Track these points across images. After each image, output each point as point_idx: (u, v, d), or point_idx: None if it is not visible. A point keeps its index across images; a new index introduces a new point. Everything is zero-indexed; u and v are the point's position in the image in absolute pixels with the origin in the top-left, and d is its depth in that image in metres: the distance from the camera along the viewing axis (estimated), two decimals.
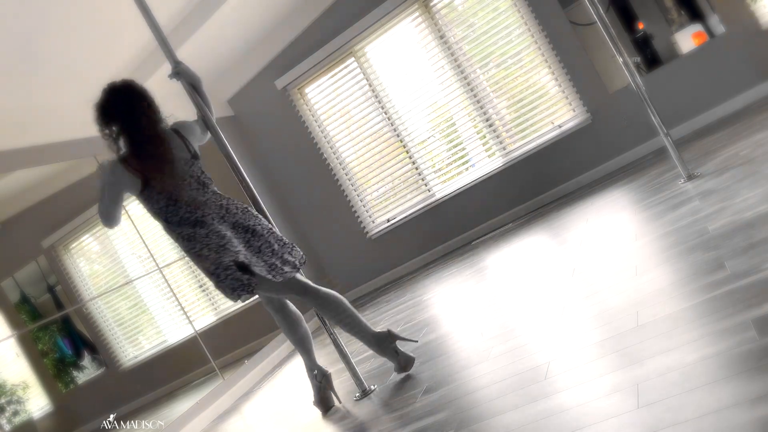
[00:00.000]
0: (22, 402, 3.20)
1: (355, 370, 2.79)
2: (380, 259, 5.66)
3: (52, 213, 3.91)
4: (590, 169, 5.00)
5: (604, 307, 2.26)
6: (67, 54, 3.71)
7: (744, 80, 4.54)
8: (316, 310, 2.70)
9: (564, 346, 2.11)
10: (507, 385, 2.05)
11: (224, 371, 4.24)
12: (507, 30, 5.09)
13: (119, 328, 3.97)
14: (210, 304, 4.71)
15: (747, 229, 2.19)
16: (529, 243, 4.14)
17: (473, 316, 3.10)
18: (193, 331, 4.22)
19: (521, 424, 1.73)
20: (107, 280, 4.12)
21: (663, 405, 1.43)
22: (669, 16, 4.86)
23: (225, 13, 4.25)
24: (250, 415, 3.62)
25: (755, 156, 3.06)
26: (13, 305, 3.41)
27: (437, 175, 5.56)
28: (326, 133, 5.69)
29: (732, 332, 1.58)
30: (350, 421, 2.56)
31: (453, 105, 5.38)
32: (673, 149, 3.44)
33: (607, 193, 4.26)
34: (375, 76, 5.48)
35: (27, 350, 3.40)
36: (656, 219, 3.01)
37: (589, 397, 1.67)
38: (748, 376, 1.37)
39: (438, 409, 2.14)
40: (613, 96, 4.86)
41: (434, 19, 5.22)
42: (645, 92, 3.48)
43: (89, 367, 3.67)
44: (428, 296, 4.16)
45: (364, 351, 3.56)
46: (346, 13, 5.30)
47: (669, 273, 2.28)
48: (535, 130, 5.17)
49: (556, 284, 2.85)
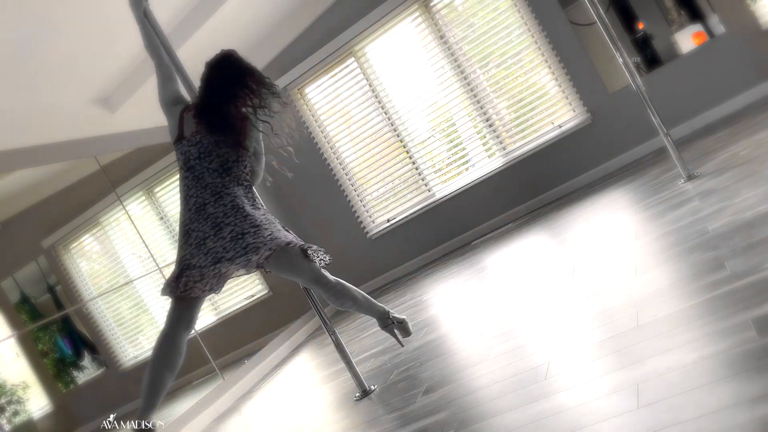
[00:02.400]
0: (22, 402, 3.20)
1: (355, 370, 2.79)
2: (380, 259, 5.66)
3: (52, 213, 3.91)
4: (590, 169, 5.00)
5: (604, 307, 2.26)
6: (67, 54, 3.71)
7: (744, 80, 4.54)
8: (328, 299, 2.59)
9: (564, 346, 2.11)
10: (507, 385, 2.05)
11: (224, 371, 4.24)
12: (507, 30, 5.09)
13: (119, 328, 3.97)
14: (210, 304, 4.71)
15: (747, 229, 2.19)
16: (529, 243, 4.14)
17: (473, 316, 3.10)
18: (193, 331, 4.22)
19: (521, 424, 1.73)
20: (107, 280, 4.12)
21: (663, 405, 1.43)
22: (669, 16, 4.86)
23: (225, 13, 4.25)
24: (250, 415, 3.62)
25: (755, 156, 3.06)
26: (13, 305, 3.41)
27: (437, 175, 5.56)
28: (326, 133, 5.69)
29: (732, 332, 1.58)
30: (350, 421, 2.56)
31: (453, 105, 5.38)
32: (673, 149, 3.44)
33: (607, 193, 4.26)
34: (375, 76, 5.48)
35: (27, 350, 3.40)
36: (656, 219, 3.01)
37: (589, 397, 1.67)
38: (748, 376, 1.37)
39: (438, 409, 2.14)
40: (613, 96, 4.86)
41: (434, 19, 5.22)
42: (645, 92, 3.48)
43: (89, 367, 3.67)
44: (428, 296, 4.16)
45: (365, 351, 3.57)
46: (346, 13, 5.31)
47: (669, 273, 2.28)
48: (535, 130, 5.17)
49: (556, 284, 2.85)
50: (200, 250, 2.41)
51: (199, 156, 2.48)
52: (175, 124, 2.56)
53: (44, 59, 3.59)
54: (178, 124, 2.54)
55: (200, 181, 2.46)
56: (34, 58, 3.50)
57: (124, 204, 4.29)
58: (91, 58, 3.94)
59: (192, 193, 2.48)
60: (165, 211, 4.77)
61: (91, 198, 4.17)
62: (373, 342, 3.65)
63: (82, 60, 3.89)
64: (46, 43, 3.47)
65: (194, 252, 2.42)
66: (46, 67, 3.66)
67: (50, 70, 3.73)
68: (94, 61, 3.98)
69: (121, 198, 4.27)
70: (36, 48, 3.43)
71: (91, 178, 4.16)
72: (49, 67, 3.70)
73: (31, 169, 3.72)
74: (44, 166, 3.81)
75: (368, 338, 3.83)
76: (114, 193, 4.23)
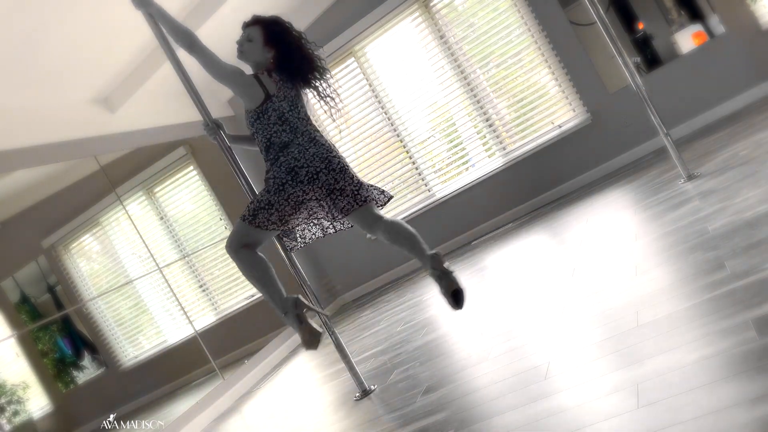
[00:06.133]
0: (22, 402, 3.20)
1: (355, 370, 2.79)
2: (380, 259, 5.66)
3: (52, 213, 3.91)
4: (590, 169, 5.00)
5: (604, 307, 2.26)
6: (67, 54, 3.71)
7: (744, 80, 4.54)
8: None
9: (564, 346, 2.11)
10: (507, 385, 2.05)
11: (224, 371, 4.24)
12: (507, 30, 5.09)
13: (119, 328, 3.97)
14: (210, 304, 4.71)
15: (747, 229, 2.19)
16: (529, 243, 4.14)
17: (473, 316, 3.10)
18: (193, 331, 4.22)
19: (521, 424, 1.73)
20: (107, 280, 4.12)
21: (663, 405, 1.43)
22: (669, 16, 4.86)
23: (224, 13, 4.25)
24: (250, 415, 3.62)
25: (755, 156, 3.06)
26: (13, 305, 3.41)
27: (437, 175, 5.56)
28: (326, 133, 5.69)
29: (732, 332, 1.58)
30: (350, 421, 2.56)
31: (453, 105, 5.38)
32: (673, 149, 3.44)
33: (607, 193, 4.26)
34: (375, 76, 5.48)
35: (27, 350, 3.40)
36: (656, 219, 3.01)
37: (589, 397, 1.67)
38: (748, 376, 1.37)
39: (438, 409, 2.14)
40: (613, 96, 4.86)
41: (434, 19, 5.22)
42: (645, 92, 3.48)
43: (89, 367, 3.67)
44: (428, 296, 4.16)
45: (365, 351, 3.57)
46: (346, 13, 5.31)
47: (669, 273, 2.28)
48: (535, 130, 5.17)
49: (556, 284, 2.85)
50: (314, 185, 2.59)
51: (290, 108, 2.67)
52: (255, 88, 2.65)
53: (44, 59, 3.59)
54: (261, 86, 2.65)
55: (296, 131, 2.64)
56: (34, 58, 3.50)
57: (124, 204, 4.29)
58: (91, 58, 3.94)
59: (289, 140, 2.63)
60: (165, 211, 4.77)
61: (91, 198, 4.16)
62: (373, 342, 3.65)
63: (82, 60, 3.89)
64: (46, 43, 3.47)
65: (307, 188, 2.59)
66: (46, 67, 3.66)
67: (50, 70, 3.73)
68: (94, 61, 3.98)
69: (121, 198, 4.27)
70: (36, 48, 3.43)
71: (91, 178, 4.16)
72: (49, 67, 3.70)
73: (31, 169, 3.72)
74: (44, 166, 3.81)
75: (368, 338, 3.83)
76: (114, 193, 4.23)
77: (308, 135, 2.65)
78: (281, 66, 2.72)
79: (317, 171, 2.58)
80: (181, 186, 4.94)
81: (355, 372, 2.79)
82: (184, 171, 4.96)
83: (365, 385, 2.78)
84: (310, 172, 2.58)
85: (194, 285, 4.66)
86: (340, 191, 2.59)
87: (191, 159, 4.99)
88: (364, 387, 2.77)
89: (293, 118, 2.66)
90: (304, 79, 2.74)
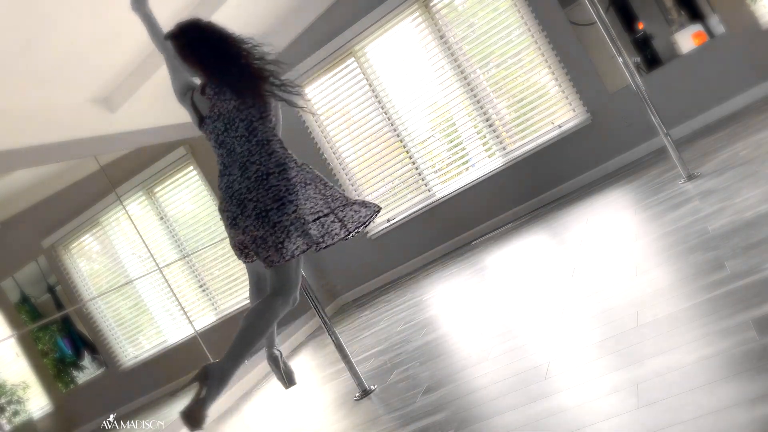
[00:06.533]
0: (22, 402, 3.20)
1: (355, 370, 2.79)
2: (380, 259, 5.66)
3: (52, 213, 3.91)
4: (590, 169, 5.00)
5: (604, 307, 2.26)
6: (66, 53, 3.71)
7: (744, 80, 4.54)
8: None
9: (564, 346, 2.11)
10: (507, 385, 2.05)
11: None
12: (507, 30, 5.09)
13: (119, 328, 3.97)
14: (210, 304, 4.71)
15: (747, 229, 2.19)
16: (529, 243, 4.14)
17: (473, 316, 3.10)
18: (193, 331, 4.22)
19: (521, 424, 1.73)
20: (107, 280, 4.12)
21: (663, 405, 1.43)
22: (669, 16, 4.86)
23: (225, 13, 4.25)
24: (250, 415, 3.62)
25: (755, 156, 3.06)
26: (13, 305, 3.41)
27: (437, 175, 5.57)
28: (326, 133, 5.69)
29: (732, 332, 1.58)
30: (350, 421, 2.56)
31: (453, 105, 5.38)
32: (673, 149, 3.44)
33: (607, 193, 4.26)
34: (375, 76, 5.48)
35: (27, 350, 3.40)
36: (656, 219, 3.01)
37: (589, 397, 1.67)
38: (748, 376, 1.37)
39: (438, 409, 2.14)
40: (613, 96, 4.86)
41: (434, 19, 5.22)
42: (645, 92, 3.48)
43: (89, 367, 3.67)
44: (428, 296, 4.16)
45: (365, 351, 3.57)
46: (346, 13, 5.31)
47: (669, 273, 2.28)
48: (535, 130, 5.17)
49: (556, 284, 2.85)
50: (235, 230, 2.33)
51: (225, 128, 2.35)
52: (191, 110, 2.44)
53: (44, 59, 3.58)
54: (194, 109, 2.42)
55: (232, 153, 2.33)
56: (33, 57, 3.49)
57: (124, 204, 4.29)
58: (90, 58, 3.94)
59: (223, 168, 2.35)
60: (165, 211, 4.77)
61: (91, 198, 4.17)
62: (373, 342, 3.66)
63: (82, 60, 3.89)
64: (46, 43, 3.46)
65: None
66: (45, 66, 3.66)
67: (50, 69, 3.73)
68: (94, 61, 3.98)
69: (121, 198, 4.27)
70: (36, 47, 3.43)
71: (91, 178, 4.16)
72: (49, 67, 3.70)
73: (31, 169, 3.72)
74: (44, 166, 3.81)
75: (368, 338, 3.84)
76: (114, 193, 4.23)
77: (240, 161, 2.30)
78: (214, 80, 2.39)
79: (234, 216, 2.28)
80: (181, 186, 4.94)
81: (355, 372, 2.79)
82: (184, 171, 4.96)
83: (365, 385, 2.78)
84: (228, 217, 2.31)
85: (194, 285, 4.66)
86: (261, 240, 2.26)
87: (191, 159, 4.99)
88: (364, 387, 2.77)
89: (229, 140, 2.34)
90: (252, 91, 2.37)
